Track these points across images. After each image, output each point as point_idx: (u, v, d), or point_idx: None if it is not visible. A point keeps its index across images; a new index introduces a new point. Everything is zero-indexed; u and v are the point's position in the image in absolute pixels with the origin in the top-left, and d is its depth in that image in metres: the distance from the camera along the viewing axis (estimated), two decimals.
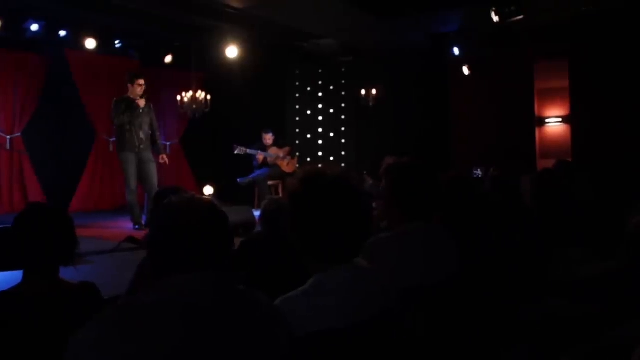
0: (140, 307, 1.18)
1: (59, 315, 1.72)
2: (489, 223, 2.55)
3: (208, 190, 8.76)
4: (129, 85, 6.36)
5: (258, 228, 5.03)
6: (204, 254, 1.25)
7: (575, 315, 2.24)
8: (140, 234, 5.73)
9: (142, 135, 6.33)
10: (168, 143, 8.84)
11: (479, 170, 5.55)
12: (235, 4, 6.88)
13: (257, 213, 6.63)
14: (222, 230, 1.30)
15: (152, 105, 6.57)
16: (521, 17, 5.56)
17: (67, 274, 1.94)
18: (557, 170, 4.94)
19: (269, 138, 8.44)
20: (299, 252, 1.53)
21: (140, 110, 6.32)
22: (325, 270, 1.47)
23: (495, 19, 5.55)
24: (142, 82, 6.34)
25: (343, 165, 9.67)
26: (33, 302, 1.73)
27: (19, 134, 7.98)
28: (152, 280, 1.23)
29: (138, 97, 6.29)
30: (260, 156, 8.18)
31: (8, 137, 7.88)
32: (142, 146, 6.34)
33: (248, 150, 8.12)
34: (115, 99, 6.38)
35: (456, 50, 8.55)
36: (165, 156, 6.79)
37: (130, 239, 5.19)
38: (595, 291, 2.38)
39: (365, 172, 6.54)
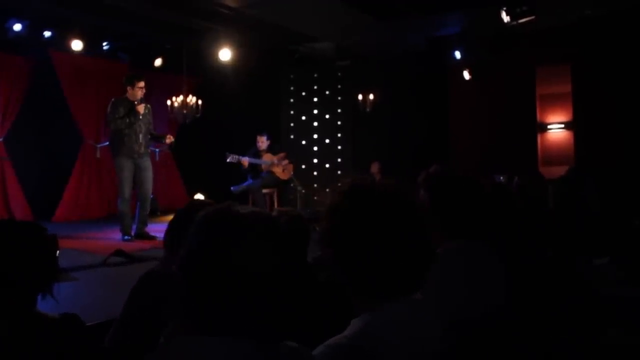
0: None
1: None
2: (530, 237, 2.26)
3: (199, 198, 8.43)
4: (128, 87, 5.99)
5: None
6: (260, 310, 0.91)
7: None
8: (130, 246, 5.39)
9: (141, 139, 5.99)
10: (157, 150, 8.52)
11: (501, 177, 5.25)
12: (230, 3, 6.59)
13: None
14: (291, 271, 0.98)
15: (149, 106, 6.23)
16: (533, 17, 5.30)
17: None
18: (571, 177, 4.75)
19: (262, 141, 8.08)
20: (339, 283, 1.22)
21: (141, 116, 5.99)
22: (375, 308, 1.16)
23: (506, 19, 5.28)
24: (142, 84, 6.00)
25: (339, 172, 9.39)
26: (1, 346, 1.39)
27: (1, 140, 7.60)
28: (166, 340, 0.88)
29: (137, 101, 5.95)
30: (244, 162, 7.77)
31: None
32: (141, 151, 6.00)
33: (241, 158, 7.78)
34: (113, 99, 6.04)
35: (457, 54, 8.31)
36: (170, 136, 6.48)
37: (119, 252, 4.82)
38: None
39: None
